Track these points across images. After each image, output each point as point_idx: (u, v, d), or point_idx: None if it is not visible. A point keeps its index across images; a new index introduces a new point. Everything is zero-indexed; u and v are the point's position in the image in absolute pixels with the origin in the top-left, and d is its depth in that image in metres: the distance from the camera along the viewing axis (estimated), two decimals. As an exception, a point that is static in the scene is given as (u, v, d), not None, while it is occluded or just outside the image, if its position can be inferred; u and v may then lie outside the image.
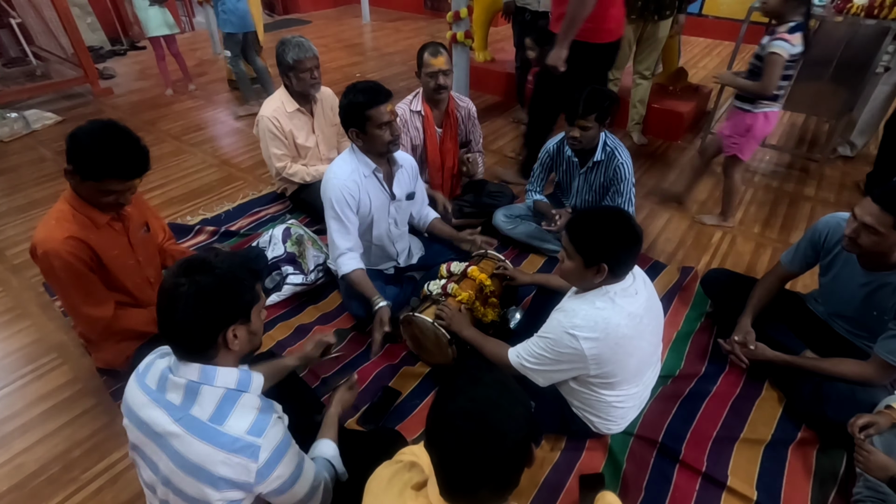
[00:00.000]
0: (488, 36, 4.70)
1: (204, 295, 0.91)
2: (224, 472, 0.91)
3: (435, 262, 2.06)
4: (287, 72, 2.40)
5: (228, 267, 0.94)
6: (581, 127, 2.05)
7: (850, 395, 1.53)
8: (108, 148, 1.33)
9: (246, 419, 0.94)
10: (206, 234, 2.66)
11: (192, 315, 0.91)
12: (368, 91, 1.70)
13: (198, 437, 0.91)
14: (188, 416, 0.93)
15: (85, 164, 1.34)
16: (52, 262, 1.40)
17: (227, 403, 0.95)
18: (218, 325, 0.94)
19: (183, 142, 3.77)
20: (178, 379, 0.95)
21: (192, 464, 0.91)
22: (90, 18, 5.71)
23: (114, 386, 1.82)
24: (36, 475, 1.58)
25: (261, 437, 0.93)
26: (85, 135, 1.32)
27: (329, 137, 2.71)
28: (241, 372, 0.99)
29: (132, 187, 1.43)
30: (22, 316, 2.18)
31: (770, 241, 2.62)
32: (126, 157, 1.36)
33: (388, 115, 1.71)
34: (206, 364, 0.96)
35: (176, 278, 0.91)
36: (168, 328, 0.94)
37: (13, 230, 2.75)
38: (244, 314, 0.97)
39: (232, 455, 0.91)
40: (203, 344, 0.95)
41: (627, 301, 1.33)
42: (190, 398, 0.94)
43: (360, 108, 1.70)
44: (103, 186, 1.38)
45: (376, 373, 1.88)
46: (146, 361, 1.03)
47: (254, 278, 1.00)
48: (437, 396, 0.82)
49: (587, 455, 1.59)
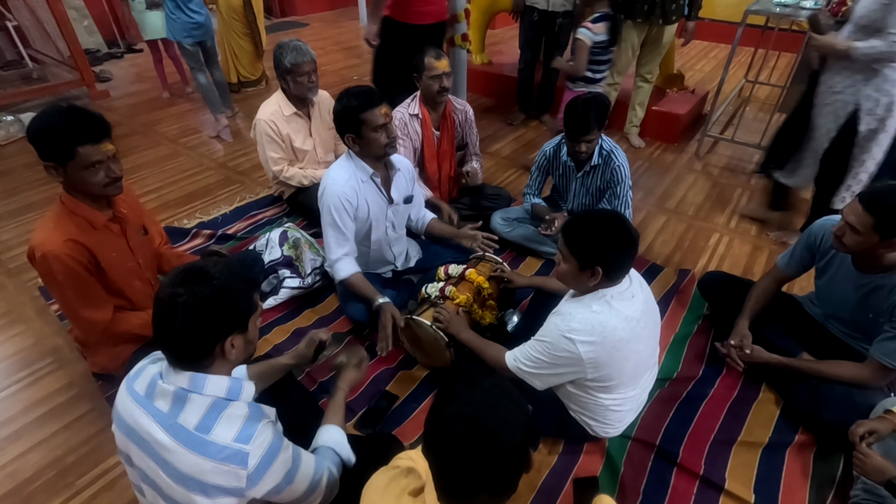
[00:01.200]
0: (486, 38, 4.71)
1: (202, 306, 0.91)
2: (215, 481, 0.90)
3: (433, 265, 2.06)
4: (285, 75, 2.40)
5: (226, 277, 0.94)
6: (585, 141, 2.06)
7: (847, 397, 1.53)
8: (61, 117, 1.33)
9: (232, 428, 0.93)
10: (202, 237, 2.65)
11: (189, 326, 0.91)
12: (362, 95, 1.70)
13: (186, 447, 0.90)
14: (176, 424, 0.92)
15: (52, 144, 1.33)
16: (50, 266, 1.39)
17: (214, 412, 0.94)
18: (216, 336, 0.94)
19: (180, 145, 3.77)
20: (168, 386, 0.94)
21: (181, 473, 0.91)
22: (87, 21, 5.69)
23: (109, 391, 1.81)
24: (31, 481, 1.57)
25: (249, 444, 0.92)
26: (37, 122, 1.34)
27: (326, 141, 2.71)
28: (232, 381, 0.99)
29: (110, 153, 1.40)
30: (17, 320, 2.17)
31: (767, 244, 2.63)
32: (81, 118, 1.35)
33: (383, 117, 1.71)
34: (199, 372, 0.95)
35: (173, 288, 0.90)
36: (164, 337, 0.93)
37: (8, 234, 2.74)
38: (242, 324, 0.97)
39: (220, 463, 0.90)
40: (200, 353, 0.95)
41: (624, 304, 1.33)
42: (178, 406, 0.93)
43: (355, 111, 1.69)
44: (82, 161, 1.35)
45: (373, 377, 1.87)
46: (138, 366, 1.03)
47: (251, 288, 1.00)
48: (436, 401, 0.82)
49: (585, 459, 1.59)
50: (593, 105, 2.01)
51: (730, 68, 3.27)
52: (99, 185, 1.41)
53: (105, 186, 1.42)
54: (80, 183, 1.40)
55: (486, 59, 4.73)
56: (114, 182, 1.44)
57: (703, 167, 3.39)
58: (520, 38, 3.71)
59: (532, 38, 3.61)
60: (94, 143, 1.36)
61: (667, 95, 3.95)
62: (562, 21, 3.43)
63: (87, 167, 1.37)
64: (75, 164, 1.35)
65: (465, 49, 3.57)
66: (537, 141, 3.75)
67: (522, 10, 3.53)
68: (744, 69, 4.56)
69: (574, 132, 2.05)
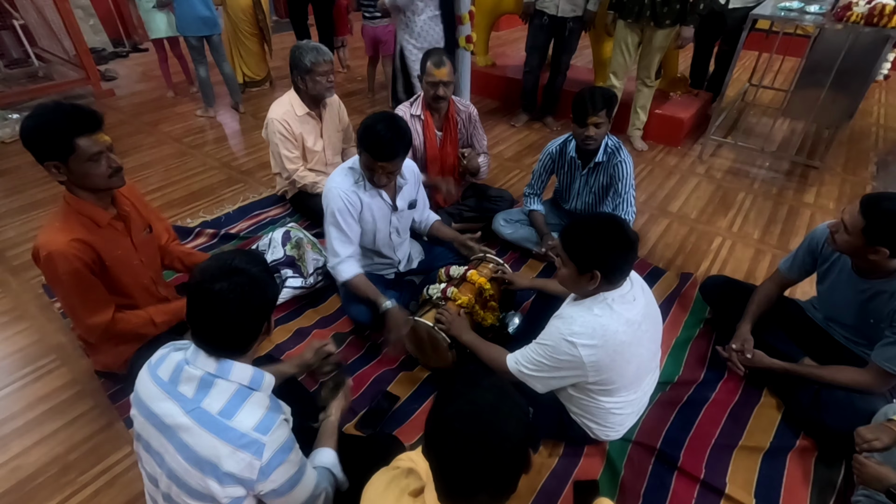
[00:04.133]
0: (489, 40, 4.72)
1: (249, 295, 0.96)
2: (229, 467, 0.93)
3: (435, 267, 2.06)
4: (303, 75, 2.41)
5: (254, 264, 1.00)
6: (594, 125, 2.06)
7: (849, 402, 1.53)
8: (54, 112, 1.34)
9: (254, 416, 0.97)
10: (205, 236, 2.66)
11: (243, 315, 0.97)
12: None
13: (207, 430, 0.93)
14: (199, 408, 0.95)
15: (50, 140, 1.33)
16: (55, 266, 1.40)
17: (238, 399, 0.98)
18: (262, 319, 1.02)
19: (184, 144, 3.78)
20: (195, 370, 0.98)
21: (199, 456, 0.93)
22: (93, 20, 5.72)
23: (112, 388, 1.82)
24: (33, 478, 1.58)
25: (266, 435, 0.95)
26: (30, 121, 1.34)
27: (335, 143, 2.72)
28: (255, 370, 1.02)
29: (108, 143, 1.40)
30: (21, 317, 2.18)
31: (769, 248, 2.62)
32: (73, 111, 1.35)
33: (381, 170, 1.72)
34: (232, 359, 0.99)
35: (214, 283, 0.94)
36: (216, 331, 0.97)
37: (13, 231, 2.76)
38: (274, 305, 1.06)
39: (238, 450, 0.93)
40: (250, 338, 1.01)
41: (625, 307, 1.33)
42: (203, 391, 0.97)
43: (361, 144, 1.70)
44: (83, 153, 1.35)
45: (375, 377, 1.87)
46: (160, 354, 1.06)
47: (268, 265, 1.07)
48: (436, 401, 0.83)
49: (585, 461, 1.59)
50: (601, 91, 2.04)
51: (734, 72, 3.27)
52: (104, 176, 1.41)
53: (109, 177, 1.43)
54: (85, 177, 1.40)
55: (490, 60, 4.73)
56: (116, 172, 1.44)
57: (707, 171, 3.39)
58: (527, 41, 3.73)
59: (541, 42, 3.64)
60: (90, 133, 1.36)
61: (670, 99, 3.95)
62: (572, 26, 3.46)
63: (88, 159, 1.37)
64: (77, 158, 1.35)
65: (469, 51, 3.57)
66: (540, 143, 3.75)
67: (533, 13, 3.54)
68: (748, 73, 4.56)
69: (582, 113, 2.05)
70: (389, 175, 1.76)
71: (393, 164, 1.71)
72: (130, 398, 1.05)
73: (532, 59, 3.75)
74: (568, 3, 3.38)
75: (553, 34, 3.57)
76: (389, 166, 1.71)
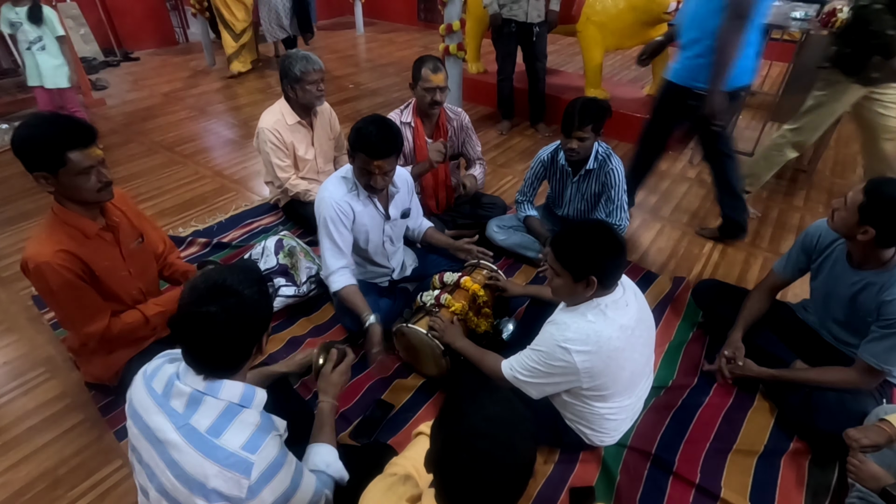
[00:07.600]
0: (481, 48, 4.74)
1: (239, 319, 0.95)
2: (216, 485, 0.91)
3: (428, 274, 2.06)
4: (293, 84, 2.41)
5: (246, 284, 0.97)
6: (578, 138, 2.07)
7: (840, 404, 1.54)
8: (49, 124, 1.32)
9: (242, 435, 0.95)
10: (198, 245, 2.65)
11: (232, 339, 0.96)
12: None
13: (195, 448, 0.92)
14: (188, 425, 0.94)
15: (41, 152, 1.32)
16: (45, 277, 1.38)
17: (227, 417, 0.96)
18: (253, 341, 1.00)
19: (176, 153, 3.76)
20: (184, 387, 0.96)
21: (186, 474, 0.92)
22: (83, 30, 5.70)
23: (102, 401, 1.80)
24: (21, 493, 1.55)
25: (255, 454, 0.93)
26: (23, 131, 1.32)
27: (327, 151, 2.72)
28: (245, 387, 1.00)
29: (99, 158, 1.40)
30: (10, 330, 2.15)
31: (760, 251, 2.64)
32: (68, 124, 1.35)
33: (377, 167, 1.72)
34: (221, 378, 0.98)
35: (201, 307, 0.92)
36: (203, 353, 0.96)
37: (2, 243, 2.72)
38: (267, 324, 1.04)
39: (225, 469, 0.91)
40: (240, 360, 1.01)
41: (619, 313, 1.34)
42: (192, 407, 0.96)
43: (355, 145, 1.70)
44: (74, 167, 1.34)
45: (368, 386, 1.86)
46: (154, 364, 1.04)
47: (266, 287, 1.04)
48: (445, 416, 0.82)
49: (581, 467, 1.58)
50: (592, 105, 2.05)
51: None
52: (92, 190, 1.40)
53: (98, 192, 1.42)
54: (74, 190, 1.39)
55: (482, 67, 4.76)
56: (106, 187, 1.43)
57: (697, 175, 3.42)
58: (498, 51, 3.77)
59: (512, 49, 3.72)
60: (83, 147, 1.35)
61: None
62: (538, 31, 3.55)
63: (78, 173, 1.36)
64: (67, 171, 1.34)
65: (460, 58, 3.60)
66: (532, 149, 3.77)
67: (500, 23, 3.59)
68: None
69: (567, 126, 2.07)
70: (385, 176, 1.76)
71: (388, 163, 1.71)
72: (125, 407, 1.04)
73: (506, 67, 3.81)
74: (534, 8, 3.45)
75: (520, 41, 3.65)
76: (385, 165, 1.71)
